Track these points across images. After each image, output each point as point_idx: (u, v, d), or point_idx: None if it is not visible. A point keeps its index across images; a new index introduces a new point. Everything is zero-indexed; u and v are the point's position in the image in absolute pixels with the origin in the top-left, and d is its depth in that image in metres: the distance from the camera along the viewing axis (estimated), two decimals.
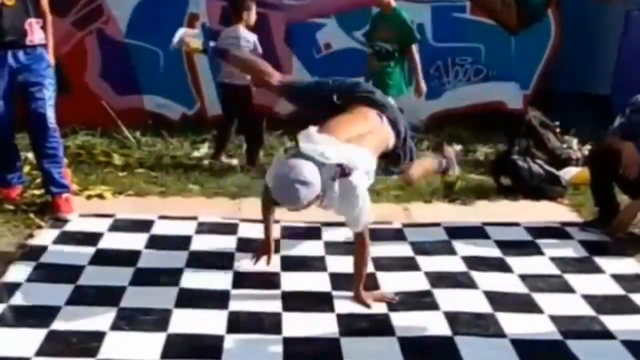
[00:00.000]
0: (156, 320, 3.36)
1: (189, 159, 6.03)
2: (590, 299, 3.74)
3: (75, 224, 4.50)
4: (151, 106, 6.94)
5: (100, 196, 5.06)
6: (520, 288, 3.86)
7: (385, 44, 5.76)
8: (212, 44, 4.32)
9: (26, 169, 5.08)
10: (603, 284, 3.95)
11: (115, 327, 3.30)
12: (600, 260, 4.23)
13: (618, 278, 4.00)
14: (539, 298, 3.74)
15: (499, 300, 3.69)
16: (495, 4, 6.97)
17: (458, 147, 6.59)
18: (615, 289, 3.88)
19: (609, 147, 4.63)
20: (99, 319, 3.35)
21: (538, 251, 4.33)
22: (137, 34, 6.76)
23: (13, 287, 3.61)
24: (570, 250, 4.38)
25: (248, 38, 5.67)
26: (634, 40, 6.95)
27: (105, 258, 4.03)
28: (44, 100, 4.48)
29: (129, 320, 3.35)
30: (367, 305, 3.57)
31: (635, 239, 4.54)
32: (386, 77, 5.74)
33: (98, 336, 3.20)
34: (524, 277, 3.97)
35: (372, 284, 3.83)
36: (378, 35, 5.80)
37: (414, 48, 5.79)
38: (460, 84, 7.14)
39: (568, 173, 5.66)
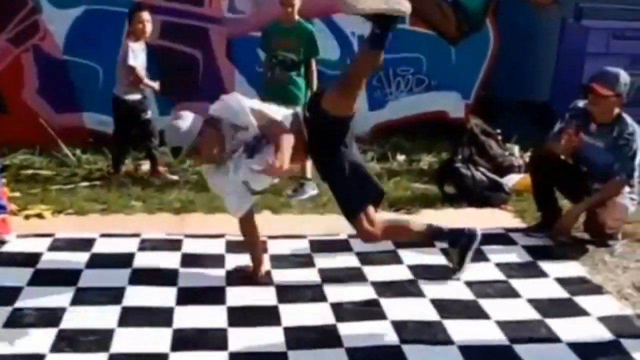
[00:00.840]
0: (99, 340, 3.28)
1: (131, 176, 5.91)
2: (535, 303, 3.79)
3: (13, 244, 4.37)
4: (92, 123, 6.80)
5: (39, 216, 4.92)
6: (467, 295, 3.88)
7: (290, 54, 5.68)
8: None
9: None
10: (548, 288, 4.01)
11: (55, 349, 3.21)
12: (544, 265, 4.29)
13: (562, 281, 4.07)
14: (485, 304, 3.77)
15: (445, 307, 3.71)
16: (434, 15, 7.02)
17: (402, 157, 6.63)
18: (560, 292, 3.94)
19: (549, 152, 4.72)
20: (39, 340, 3.26)
21: (483, 257, 4.36)
22: (75, 50, 6.63)
23: None
24: (514, 255, 4.43)
25: (136, 53, 5.65)
26: (569, 47, 7.10)
27: (44, 278, 3.92)
28: None
29: (69, 341, 3.27)
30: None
31: (577, 242, 4.61)
32: (293, 87, 5.69)
33: (38, 359, 3.10)
34: (469, 284, 3.99)
35: (318, 295, 3.81)
36: (282, 45, 5.71)
37: (314, 61, 5.77)
38: (403, 94, 7.18)
39: (511, 180, 5.73)
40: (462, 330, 3.47)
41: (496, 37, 7.12)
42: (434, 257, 4.32)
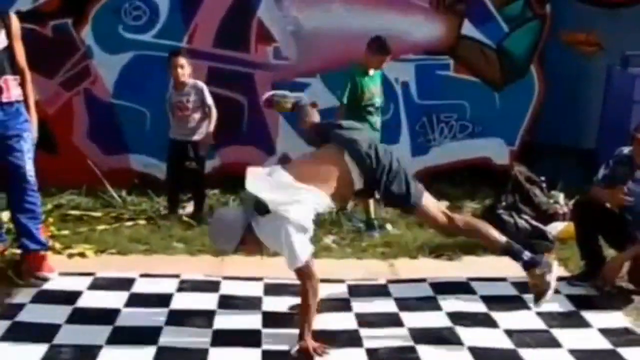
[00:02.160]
0: None
1: (175, 218, 5.98)
2: (577, 354, 3.69)
3: (55, 282, 4.44)
4: (138, 165, 6.93)
5: (82, 254, 5.00)
6: (506, 343, 3.80)
7: (379, 98, 5.82)
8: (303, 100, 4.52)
9: (6, 227, 5.01)
10: (591, 339, 3.90)
11: None
12: (587, 314, 4.18)
13: (606, 332, 3.95)
14: (525, 353, 3.69)
15: (484, 356, 3.64)
16: (478, 61, 7.05)
17: (445, 204, 6.57)
18: (603, 344, 3.83)
19: (593, 199, 4.63)
20: None
21: (524, 306, 4.28)
22: (124, 94, 6.80)
23: None
24: (556, 304, 4.32)
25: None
26: (616, 94, 7.01)
27: (82, 316, 3.96)
28: (22, 152, 4.44)
29: None
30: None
31: (622, 292, 4.49)
32: (382, 131, 5.85)
33: None
34: (509, 332, 3.91)
35: (354, 340, 3.77)
36: (375, 92, 5.79)
37: None
38: (446, 140, 7.16)
39: (555, 228, 5.63)
40: None
41: (541, 83, 7.09)
42: (473, 305, 4.25)
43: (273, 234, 3.57)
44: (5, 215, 5.00)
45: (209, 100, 5.87)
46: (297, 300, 4.23)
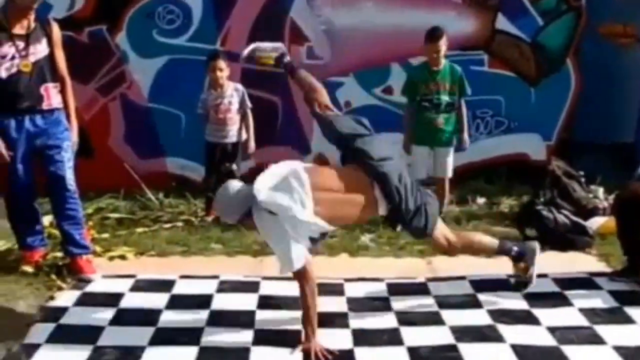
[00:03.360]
0: None
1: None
2: (622, 351, 3.64)
3: (97, 284, 4.50)
4: (174, 168, 7.00)
5: (122, 257, 5.06)
6: (549, 340, 3.76)
7: (443, 96, 5.77)
8: (286, 59, 4.43)
9: (47, 231, 5.08)
10: (635, 335, 3.84)
11: None
12: (631, 310, 4.11)
13: None
14: (569, 350, 3.64)
15: (526, 353, 3.60)
16: (513, 56, 6.98)
17: (482, 200, 6.54)
18: None
19: (634, 193, 4.56)
20: None
21: (566, 302, 4.23)
22: (159, 98, 6.86)
23: (33, 348, 3.60)
24: (599, 300, 4.27)
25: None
26: None
27: (125, 318, 4.01)
28: (62, 162, 4.53)
29: None
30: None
31: None
32: (447, 129, 5.84)
33: None
34: (552, 329, 3.87)
35: (397, 338, 3.76)
36: (433, 88, 5.78)
37: (463, 101, 5.89)
38: (482, 137, 7.11)
39: (595, 223, 5.56)
40: None
41: (578, 77, 7.00)
42: (514, 302, 4.21)
43: (267, 230, 3.60)
44: (47, 219, 5.08)
45: (249, 103, 5.91)
46: (335, 300, 4.26)
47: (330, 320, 3.98)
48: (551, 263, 4.86)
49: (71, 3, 6.64)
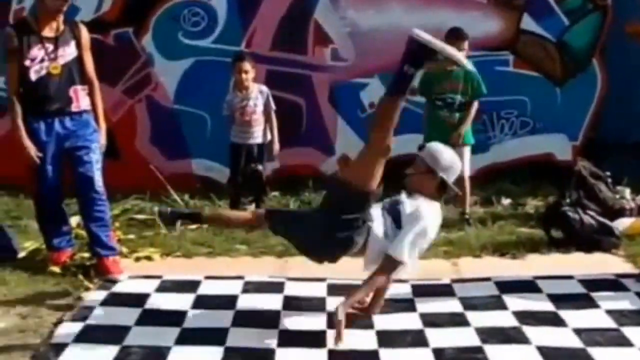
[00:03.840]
0: None
1: None
2: None
3: (123, 285, 4.53)
4: (199, 170, 7.04)
5: (148, 258, 5.10)
6: (575, 342, 3.72)
7: (458, 95, 5.80)
8: None
9: (75, 232, 5.14)
10: None
11: None
12: None
13: None
14: (596, 352, 3.60)
15: (553, 355, 3.57)
16: (538, 56, 6.94)
17: (507, 201, 6.51)
18: None
19: None
20: None
21: (593, 304, 4.19)
22: (185, 99, 6.91)
23: (60, 348, 3.64)
24: (626, 302, 4.22)
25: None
26: None
27: (151, 318, 4.04)
28: (91, 164, 4.58)
29: None
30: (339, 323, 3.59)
31: None
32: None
33: None
34: (578, 331, 3.83)
35: (421, 340, 3.76)
36: (449, 87, 5.81)
37: (476, 101, 5.89)
38: (507, 137, 7.07)
39: (621, 224, 5.51)
40: None
41: (604, 76, 6.94)
42: (539, 303, 4.19)
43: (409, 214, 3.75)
44: (74, 220, 5.14)
45: (273, 105, 5.94)
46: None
47: (355, 321, 3.99)
48: (577, 264, 4.83)
49: (98, 6, 6.71)
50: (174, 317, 4.02)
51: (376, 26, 6.80)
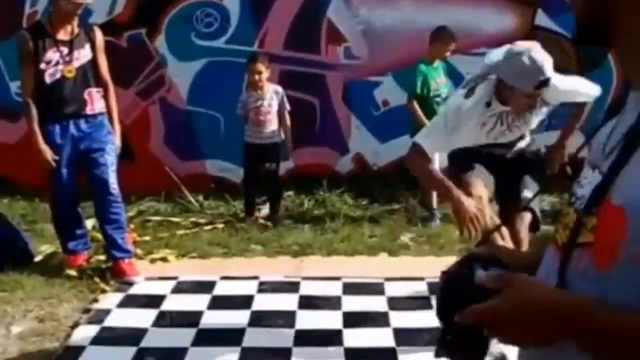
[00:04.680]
0: None
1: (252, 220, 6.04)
2: None
3: (139, 287, 4.54)
4: (213, 170, 7.04)
5: (164, 259, 5.10)
6: None
7: (444, 90, 5.94)
8: None
9: (90, 235, 5.15)
10: None
11: None
12: None
13: None
14: None
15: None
16: (553, 52, 6.87)
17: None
18: None
19: None
20: None
21: None
22: (198, 100, 6.91)
23: (77, 351, 3.65)
24: None
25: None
26: None
27: (168, 320, 4.04)
28: (106, 166, 4.59)
29: None
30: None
31: None
32: None
33: None
34: None
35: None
36: (439, 83, 5.94)
37: None
38: None
39: None
40: None
41: (620, 71, 6.87)
42: None
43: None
44: (90, 222, 5.15)
45: (287, 105, 5.94)
46: (375, 299, 4.25)
47: (372, 319, 3.98)
48: None
49: (111, 8, 6.72)
50: (190, 318, 4.03)
51: (389, 24, 6.77)
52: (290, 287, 4.49)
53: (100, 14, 6.62)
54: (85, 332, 3.86)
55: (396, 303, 4.21)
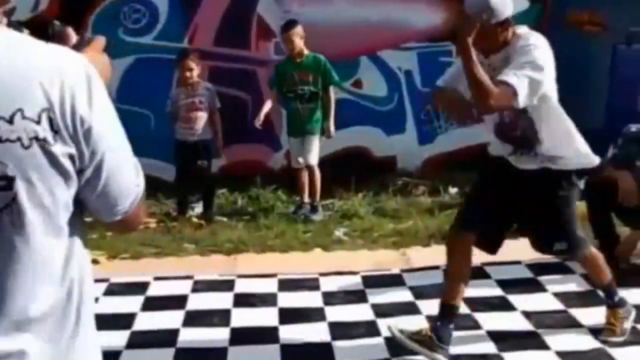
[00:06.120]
0: None
1: (184, 219, 5.97)
2: (597, 332, 3.66)
3: None
4: (144, 169, 6.83)
5: (94, 261, 4.98)
6: (525, 325, 3.78)
7: (308, 86, 5.86)
8: None
9: None
10: None
11: None
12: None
13: None
14: (545, 334, 3.66)
15: (503, 339, 3.61)
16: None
17: (454, 190, 6.56)
18: None
19: (605, 178, 4.59)
20: None
21: (541, 288, 4.27)
22: (127, 98, 6.77)
23: None
24: (573, 284, 4.31)
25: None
26: (622, 72, 6.96)
27: (100, 323, 3.92)
28: None
29: None
30: None
31: (637, 269, 4.46)
32: (313, 118, 5.91)
33: None
34: (528, 315, 3.89)
35: (374, 330, 3.76)
36: (299, 79, 5.87)
37: (332, 89, 5.96)
38: (452, 127, 7.12)
39: None
40: None
41: None
42: (488, 289, 4.24)
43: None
44: None
45: (218, 103, 5.88)
46: (310, 294, 4.25)
47: (307, 314, 3.98)
48: (524, 250, 4.86)
49: (35, 4, 6.54)
50: (123, 321, 3.95)
51: (320, 19, 6.77)
52: (225, 285, 4.45)
53: (23, 10, 6.43)
54: None
55: (331, 298, 4.22)
